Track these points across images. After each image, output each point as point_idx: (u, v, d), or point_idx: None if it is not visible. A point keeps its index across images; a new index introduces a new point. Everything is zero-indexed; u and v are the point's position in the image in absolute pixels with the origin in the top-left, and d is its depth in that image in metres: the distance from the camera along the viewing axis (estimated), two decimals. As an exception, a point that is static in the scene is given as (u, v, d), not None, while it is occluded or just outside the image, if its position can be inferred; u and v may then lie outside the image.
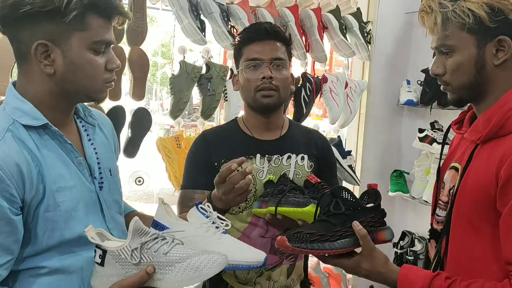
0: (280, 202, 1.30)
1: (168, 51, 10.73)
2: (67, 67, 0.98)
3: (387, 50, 2.69)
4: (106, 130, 1.22)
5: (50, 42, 0.96)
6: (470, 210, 1.04)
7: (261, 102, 1.42)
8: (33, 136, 0.99)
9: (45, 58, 0.97)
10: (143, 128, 2.08)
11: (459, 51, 1.04)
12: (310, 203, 1.25)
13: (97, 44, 0.99)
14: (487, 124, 1.04)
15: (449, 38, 1.05)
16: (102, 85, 1.04)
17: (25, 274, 0.99)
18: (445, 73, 1.08)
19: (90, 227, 0.96)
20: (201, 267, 0.91)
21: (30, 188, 0.95)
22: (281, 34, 1.46)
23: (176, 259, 0.93)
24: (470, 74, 1.05)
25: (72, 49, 0.97)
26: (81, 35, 0.97)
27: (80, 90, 1.02)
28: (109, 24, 1.02)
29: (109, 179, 1.14)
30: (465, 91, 1.08)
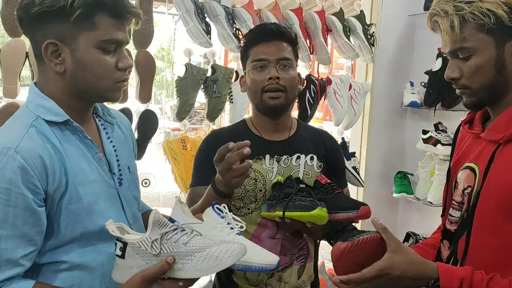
0: (287, 207, 1.30)
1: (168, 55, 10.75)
2: (76, 66, 1.00)
3: (390, 52, 2.70)
4: (124, 128, 1.24)
5: (60, 42, 0.99)
6: (495, 211, 1.03)
7: (268, 103, 1.42)
8: (55, 132, 1.02)
9: (56, 57, 1.00)
10: (149, 130, 2.09)
11: (478, 53, 1.03)
12: (317, 206, 1.25)
13: (105, 43, 1.00)
14: (510, 123, 1.03)
15: (466, 40, 1.03)
16: (113, 84, 1.05)
17: (47, 269, 1.01)
18: (461, 76, 1.07)
19: (111, 221, 0.98)
20: (221, 256, 0.93)
21: (53, 181, 0.98)
22: (287, 34, 1.46)
23: (195, 248, 0.94)
24: (490, 75, 1.04)
25: (80, 48, 0.99)
26: (89, 34, 0.99)
27: (90, 89, 1.04)
28: (120, 24, 1.02)
29: (128, 176, 1.16)
30: (485, 93, 1.07)
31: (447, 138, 2.41)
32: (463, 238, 1.10)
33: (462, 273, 0.99)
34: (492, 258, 1.04)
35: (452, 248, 1.15)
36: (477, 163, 1.10)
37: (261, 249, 1.10)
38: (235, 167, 1.20)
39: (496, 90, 1.06)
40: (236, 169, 1.20)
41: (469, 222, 1.08)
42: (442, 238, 1.21)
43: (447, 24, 1.03)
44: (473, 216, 1.08)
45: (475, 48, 1.03)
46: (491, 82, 1.04)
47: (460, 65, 1.06)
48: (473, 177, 1.10)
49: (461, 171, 1.16)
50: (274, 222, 1.40)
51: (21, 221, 0.94)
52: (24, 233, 0.95)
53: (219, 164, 1.22)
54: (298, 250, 1.46)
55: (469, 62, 1.05)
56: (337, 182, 1.45)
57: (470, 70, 1.05)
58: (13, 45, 1.77)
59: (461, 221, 1.13)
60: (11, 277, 0.94)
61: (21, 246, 0.95)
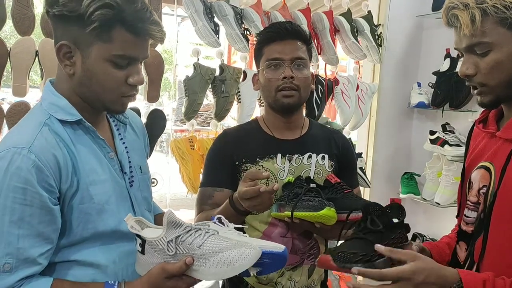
0: (296, 207, 1.29)
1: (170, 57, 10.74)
2: (84, 73, 1.00)
3: (397, 53, 2.70)
4: (137, 129, 1.24)
5: (74, 45, 0.98)
6: None
7: (282, 102, 1.42)
8: (68, 131, 1.02)
9: (68, 59, 1.00)
10: (157, 129, 2.09)
11: (497, 48, 1.00)
12: (325, 206, 1.25)
13: (117, 58, 0.98)
14: None
15: (486, 35, 0.99)
16: (118, 97, 1.03)
17: (61, 267, 1.01)
18: (477, 73, 1.04)
19: (129, 216, 0.99)
20: (234, 261, 0.93)
21: (66, 180, 0.98)
22: (302, 33, 1.46)
23: (209, 252, 0.95)
24: (509, 71, 1.00)
25: (91, 57, 0.98)
26: (102, 46, 0.97)
27: (95, 98, 1.03)
28: (138, 41, 0.99)
29: (139, 176, 1.16)
30: (503, 89, 1.03)
31: (455, 139, 2.40)
32: (479, 239, 1.08)
33: (483, 275, 0.97)
34: (510, 259, 1.01)
35: (469, 249, 1.12)
36: (493, 162, 1.08)
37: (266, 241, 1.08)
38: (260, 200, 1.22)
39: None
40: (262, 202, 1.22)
41: (486, 222, 1.06)
42: (458, 239, 1.19)
43: (467, 18, 0.99)
44: (490, 217, 1.05)
45: (494, 43, 1.00)
46: (510, 78, 1.01)
47: (476, 61, 1.03)
48: (489, 177, 1.08)
49: (475, 170, 1.14)
50: (284, 222, 1.40)
51: (37, 220, 0.94)
52: (40, 232, 0.95)
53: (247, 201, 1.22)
54: (309, 250, 1.46)
55: (487, 58, 1.01)
56: (349, 182, 1.45)
57: (488, 66, 1.01)
58: (23, 44, 1.77)
59: (478, 222, 1.11)
60: (29, 276, 0.95)
61: (38, 245, 0.95)
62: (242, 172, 1.42)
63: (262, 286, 1.44)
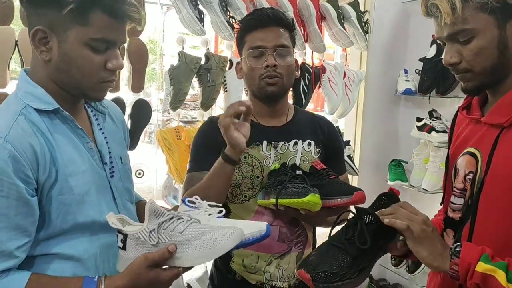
0: (280, 194, 1.29)
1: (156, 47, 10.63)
2: (61, 58, 0.97)
3: (384, 40, 2.69)
4: (116, 119, 1.21)
5: (49, 30, 0.95)
6: (503, 196, 0.99)
7: (266, 90, 1.40)
8: (45, 120, 0.99)
9: (43, 45, 0.97)
10: (143, 120, 2.07)
11: (480, 34, 0.99)
12: (310, 192, 1.24)
13: (96, 41, 0.96)
14: None
15: (468, 21, 0.99)
16: (96, 83, 1.01)
17: (39, 261, 0.99)
18: (462, 60, 1.03)
19: (111, 214, 0.97)
20: (216, 242, 0.93)
21: (44, 170, 0.95)
22: (284, 20, 1.44)
23: (192, 236, 0.94)
24: (493, 56, 1.00)
25: (68, 41, 0.96)
26: (80, 29, 0.95)
27: (73, 84, 1.00)
28: (116, 24, 0.97)
29: (119, 167, 1.14)
30: (487, 75, 1.03)
31: (442, 125, 2.41)
32: (467, 225, 1.08)
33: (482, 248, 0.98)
34: (500, 244, 1.01)
35: (457, 236, 1.12)
36: (479, 148, 1.07)
37: (247, 221, 1.09)
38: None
39: (499, 72, 1.03)
40: None
41: (474, 209, 1.06)
42: (445, 227, 1.18)
43: (447, 6, 0.99)
44: (477, 203, 1.05)
45: (477, 30, 0.99)
46: (494, 64, 1.01)
47: (459, 49, 1.03)
48: (475, 163, 1.07)
49: (461, 157, 1.13)
50: (271, 210, 1.39)
51: (14, 211, 0.92)
52: (17, 224, 0.92)
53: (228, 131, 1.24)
54: (296, 237, 1.45)
55: (470, 45, 1.01)
56: (336, 168, 1.44)
57: (472, 53, 1.01)
58: (2, 34, 1.73)
59: (465, 208, 1.10)
60: (6, 269, 0.92)
61: (16, 238, 0.93)
62: None
63: (250, 274, 1.43)
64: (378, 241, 1.05)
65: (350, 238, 1.05)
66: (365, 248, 1.03)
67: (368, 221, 1.06)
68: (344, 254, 1.03)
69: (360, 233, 1.04)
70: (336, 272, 1.01)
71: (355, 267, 1.02)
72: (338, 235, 1.09)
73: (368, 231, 1.04)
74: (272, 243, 1.41)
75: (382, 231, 1.06)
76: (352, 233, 1.06)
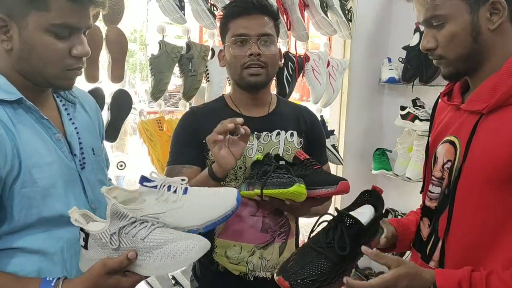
0: (265, 184, 1.27)
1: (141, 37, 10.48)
2: (22, 46, 0.93)
3: (367, 28, 2.68)
4: (89, 109, 1.17)
5: (8, 17, 0.91)
6: (480, 187, 0.99)
7: (249, 80, 1.38)
8: (7, 111, 0.95)
9: (4, 33, 0.93)
10: (123, 110, 2.02)
11: (452, 20, 0.99)
12: (295, 183, 1.22)
13: (57, 27, 0.92)
14: (493, 92, 0.98)
15: (439, 7, 0.99)
16: (61, 71, 0.97)
17: (3, 254, 0.95)
18: (437, 46, 1.03)
19: (74, 209, 0.93)
20: (178, 254, 0.89)
21: (5, 163, 0.91)
22: (269, 8, 1.41)
23: (153, 245, 0.89)
24: (466, 43, 1.00)
25: (28, 28, 0.92)
26: (39, 15, 0.91)
27: (36, 73, 0.97)
28: (78, 9, 0.93)
29: (91, 158, 1.10)
30: (462, 62, 1.03)
31: (425, 114, 2.41)
32: (444, 215, 1.07)
33: (459, 274, 0.95)
34: (475, 234, 1.01)
35: (433, 226, 1.11)
36: (458, 136, 1.06)
37: (214, 194, 1.03)
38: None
39: (474, 59, 1.02)
40: None
41: (451, 198, 1.04)
42: (422, 215, 1.18)
43: None
44: (455, 192, 1.04)
45: (448, 15, 0.99)
46: (468, 50, 1.00)
47: (435, 35, 1.03)
48: (454, 151, 1.06)
49: (440, 145, 1.12)
50: (254, 200, 1.37)
51: None
52: None
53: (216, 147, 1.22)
54: (279, 228, 1.44)
55: (443, 31, 1.01)
56: (318, 158, 1.43)
57: (445, 39, 1.01)
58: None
59: (442, 197, 1.09)
60: None
61: None
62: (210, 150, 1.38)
63: (233, 265, 1.42)
64: (359, 243, 1.04)
65: (330, 242, 1.03)
66: (344, 254, 1.02)
67: (349, 224, 1.05)
68: (324, 259, 1.02)
69: (340, 238, 1.03)
70: (315, 279, 0.99)
71: (334, 272, 1.01)
72: (318, 237, 1.07)
73: (348, 235, 1.03)
74: (255, 233, 1.40)
75: (362, 233, 1.05)
76: (332, 236, 1.04)
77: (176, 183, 1.00)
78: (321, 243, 1.04)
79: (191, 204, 0.99)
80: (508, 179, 0.95)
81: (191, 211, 0.98)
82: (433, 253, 1.10)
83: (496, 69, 1.01)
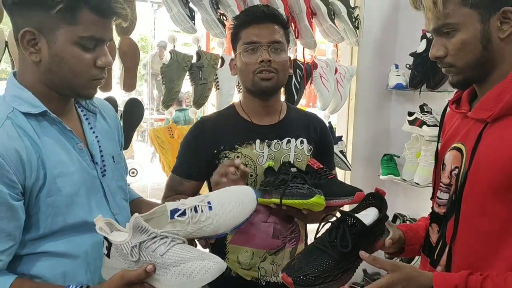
0: (284, 194, 1.29)
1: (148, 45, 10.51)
2: (52, 58, 0.98)
3: (374, 35, 2.71)
4: (109, 118, 1.22)
5: (38, 31, 0.96)
6: (485, 193, 1.00)
7: (260, 85, 1.41)
8: (32, 124, 0.99)
9: (32, 46, 0.97)
10: (135, 119, 2.06)
11: (462, 29, 1.00)
12: (315, 194, 1.26)
13: (84, 40, 0.97)
14: (498, 101, 1.00)
15: (450, 16, 1.00)
16: (88, 81, 1.02)
17: (29, 259, 1.00)
18: (447, 54, 1.04)
19: (100, 217, 0.96)
20: (194, 274, 0.91)
21: (31, 174, 0.96)
22: (279, 17, 1.45)
23: (171, 262, 0.92)
24: (476, 51, 1.01)
25: (58, 41, 0.96)
26: (69, 29, 0.96)
27: (65, 84, 1.01)
28: (103, 21, 0.99)
29: (112, 166, 1.14)
30: (472, 70, 1.04)
31: (433, 119, 2.43)
32: (451, 221, 1.09)
33: (456, 279, 0.97)
34: (481, 240, 1.02)
35: (441, 231, 1.13)
36: (464, 143, 1.08)
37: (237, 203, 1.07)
38: None
39: (483, 67, 1.03)
40: None
41: (457, 204, 1.06)
42: (431, 221, 1.20)
43: (429, 0, 1.00)
44: (461, 198, 1.05)
45: (459, 24, 1.00)
46: (478, 58, 1.02)
47: (444, 43, 1.04)
48: (460, 158, 1.08)
49: (448, 152, 1.14)
50: (266, 207, 1.40)
51: None
52: (1, 228, 0.93)
53: None
54: (290, 233, 1.47)
55: (454, 39, 1.02)
56: (327, 165, 1.46)
57: (455, 47, 1.02)
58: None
59: (450, 203, 1.12)
60: None
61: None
62: (222, 159, 1.42)
63: (245, 271, 1.45)
64: (361, 243, 1.07)
65: (333, 241, 1.06)
66: (346, 251, 1.04)
67: (351, 224, 1.08)
68: (327, 257, 1.05)
69: (342, 236, 1.06)
70: (317, 275, 1.02)
71: (337, 269, 1.03)
72: (322, 236, 1.11)
73: (350, 234, 1.06)
74: (266, 239, 1.43)
75: (365, 233, 1.07)
76: (335, 235, 1.07)
77: (201, 203, 1.04)
78: (324, 242, 1.08)
79: (218, 218, 1.04)
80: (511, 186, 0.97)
81: (221, 223, 1.04)
82: (440, 258, 1.12)
83: (503, 77, 1.02)
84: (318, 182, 1.35)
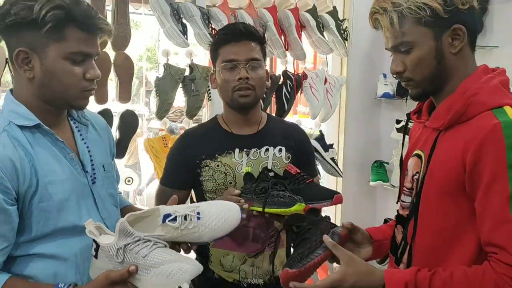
0: (266, 203, 1.36)
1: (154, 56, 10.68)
2: (44, 74, 1.07)
3: (363, 46, 2.79)
4: (100, 129, 1.31)
5: (30, 50, 1.05)
6: (438, 195, 1.09)
7: (239, 102, 1.49)
8: (26, 135, 1.09)
9: (26, 64, 1.07)
10: (130, 130, 2.16)
11: (418, 46, 1.08)
12: (296, 202, 1.32)
13: (73, 55, 1.07)
14: (448, 111, 1.08)
15: (406, 35, 1.08)
16: (79, 92, 1.11)
17: (22, 260, 1.09)
18: (405, 70, 1.12)
19: (90, 221, 1.06)
20: (172, 274, 0.99)
21: (24, 181, 1.05)
22: (255, 34, 1.53)
23: (152, 263, 1.01)
24: (431, 66, 1.09)
25: (49, 58, 1.06)
26: (58, 45, 1.05)
27: (58, 96, 1.10)
28: (90, 37, 1.09)
29: (102, 174, 1.23)
30: (428, 84, 1.12)
31: (419, 127, 2.50)
32: (411, 222, 1.17)
33: (407, 276, 1.05)
34: (438, 237, 1.11)
35: (404, 232, 1.21)
36: (423, 150, 1.17)
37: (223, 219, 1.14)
38: None
39: (438, 80, 1.12)
40: None
41: (416, 206, 1.15)
42: (396, 223, 1.28)
43: (387, 21, 1.09)
44: (419, 200, 1.14)
45: (415, 42, 1.08)
46: (433, 72, 1.10)
47: (403, 59, 1.12)
48: (420, 164, 1.17)
49: (411, 158, 1.23)
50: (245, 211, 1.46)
51: None
52: None
53: None
54: (270, 237, 1.54)
55: (411, 55, 1.10)
56: (308, 172, 1.53)
57: (413, 63, 1.10)
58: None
59: (411, 206, 1.20)
60: None
61: None
62: (203, 168, 1.51)
63: (227, 273, 1.53)
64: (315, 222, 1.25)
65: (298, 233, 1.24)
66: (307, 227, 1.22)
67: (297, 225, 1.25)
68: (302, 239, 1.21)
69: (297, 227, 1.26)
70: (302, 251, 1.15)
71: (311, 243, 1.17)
72: None
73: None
74: (247, 243, 1.51)
75: None
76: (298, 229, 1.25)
77: (191, 212, 1.13)
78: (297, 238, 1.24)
79: (204, 228, 1.12)
80: (461, 187, 1.05)
81: (204, 233, 1.12)
82: (403, 257, 1.20)
83: (454, 90, 1.11)
84: (297, 187, 1.41)
